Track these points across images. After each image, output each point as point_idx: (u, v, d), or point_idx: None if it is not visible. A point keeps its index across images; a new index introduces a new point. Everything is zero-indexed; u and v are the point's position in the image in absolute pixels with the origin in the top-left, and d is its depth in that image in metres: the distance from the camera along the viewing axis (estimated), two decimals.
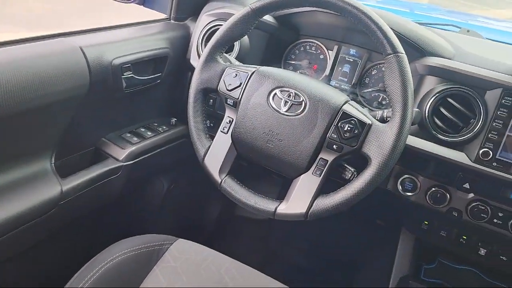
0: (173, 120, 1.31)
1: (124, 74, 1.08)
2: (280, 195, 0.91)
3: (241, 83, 0.93)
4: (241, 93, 0.93)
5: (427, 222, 1.12)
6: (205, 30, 1.21)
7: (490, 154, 0.93)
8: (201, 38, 1.21)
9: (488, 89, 0.94)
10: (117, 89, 1.08)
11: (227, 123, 0.96)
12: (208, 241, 1.69)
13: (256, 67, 0.95)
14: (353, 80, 1.18)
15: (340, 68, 1.20)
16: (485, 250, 1.06)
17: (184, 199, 1.57)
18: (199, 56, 1.20)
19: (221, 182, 0.95)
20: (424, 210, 1.07)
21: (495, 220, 0.98)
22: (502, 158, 0.93)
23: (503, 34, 1.53)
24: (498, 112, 0.92)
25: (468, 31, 1.28)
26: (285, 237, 1.78)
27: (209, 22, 1.20)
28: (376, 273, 1.44)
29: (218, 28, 0.99)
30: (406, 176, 1.05)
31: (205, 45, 1.03)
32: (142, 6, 1.28)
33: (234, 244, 1.74)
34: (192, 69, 1.02)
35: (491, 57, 1.04)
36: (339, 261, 1.69)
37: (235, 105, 0.94)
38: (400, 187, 1.06)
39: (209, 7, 1.24)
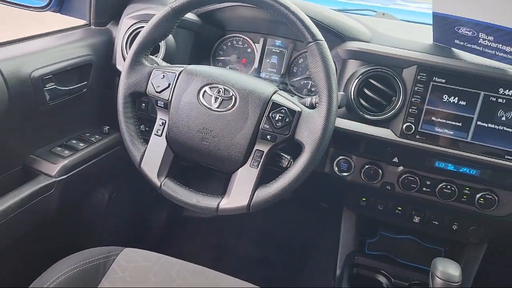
0: (106, 128, 1.27)
1: (46, 86, 1.03)
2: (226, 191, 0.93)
3: (169, 84, 0.93)
4: (171, 94, 0.92)
5: (364, 199, 1.18)
6: (128, 33, 1.18)
7: (412, 128, 1.00)
8: (124, 41, 1.18)
9: (405, 67, 1.00)
10: (40, 102, 1.03)
11: (160, 125, 0.95)
12: (158, 246, 1.67)
13: (183, 67, 0.95)
14: (282, 70, 1.20)
15: (268, 60, 1.22)
16: (419, 218, 1.13)
17: (128, 207, 1.53)
18: (124, 60, 1.18)
19: (160, 185, 0.94)
20: (361, 188, 1.13)
21: (424, 189, 1.05)
22: (424, 131, 1.00)
23: (416, 14, 1.63)
24: (416, 88, 0.99)
25: (383, 14, 1.35)
26: (236, 231, 1.79)
27: (131, 25, 1.18)
28: (325, 253, 1.49)
29: (141, 31, 0.98)
30: (340, 157, 1.10)
31: (130, 49, 1.02)
32: (58, 13, 1.22)
33: (184, 246, 1.73)
34: (119, 74, 1.00)
35: (406, 37, 1.10)
36: (289, 246, 1.73)
37: (166, 106, 0.93)
38: (337, 169, 1.10)
39: (129, 10, 1.22)
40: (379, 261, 1.24)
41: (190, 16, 1.15)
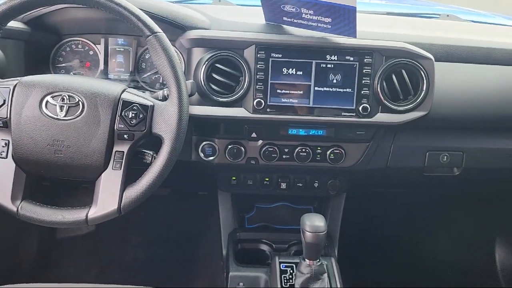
0: None
1: None
2: None
3: (4, 100, 0.86)
4: (8, 111, 0.86)
5: (234, 178, 1.24)
6: None
7: (262, 103, 1.07)
8: None
9: (244, 47, 1.07)
10: None
11: (3, 146, 0.87)
12: (33, 276, 1.53)
13: (18, 79, 0.88)
14: (130, 68, 1.19)
15: (114, 60, 1.19)
16: (285, 184, 1.23)
17: None
18: None
19: (17, 209, 0.87)
20: (229, 168, 1.19)
21: (284, 156, 1.15)
22: (272, 103, 1.08)
23: None
24: (258, 66, 1.06)
25: (219, 0, 1.41)
26: (119, 238, 1.74)
27: None
28: (212, 237, 1.53)
29: None
30: (204, 143, 1.13)
31: None
32: None
33: (64, 268, 1.61)
34: None
35: (242, 20, 1.17)
36: (175, 241, 1.74)
37: (6, 125, 0.86)
38: (202, 154, 1.14)
39: None
40: (259, 232, 1.32)
41: (14, 24, 1.06)
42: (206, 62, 1.06)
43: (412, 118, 1.09)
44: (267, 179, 1.24)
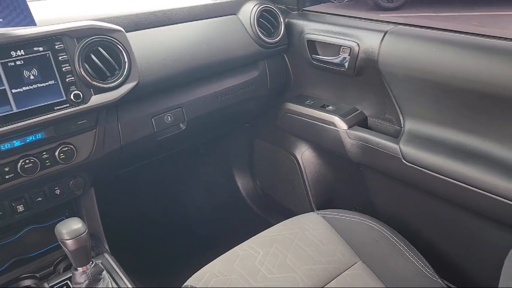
0: None
1: None
2: None
3: None
4: None
5: None
6: None
7: None
8: None
9: None
10: None
11: None
12: None
13: None
14: None
15: None
16: (22, 205, 1.07)
17: None
18: None
19: None
20: None
21: (6, 177, 0.98)
22: None
23: None
24: None
25: None
26: None
27: None
28: None
29: None
30: None
31: None
32: None
33: None
34: None
35: None
36: None
37: None
38: None
39: None
40: (12, 271, 1.14)
41: None
42: None
43: (126, 91, 1.09)
44: (1, 212, 1.05)
